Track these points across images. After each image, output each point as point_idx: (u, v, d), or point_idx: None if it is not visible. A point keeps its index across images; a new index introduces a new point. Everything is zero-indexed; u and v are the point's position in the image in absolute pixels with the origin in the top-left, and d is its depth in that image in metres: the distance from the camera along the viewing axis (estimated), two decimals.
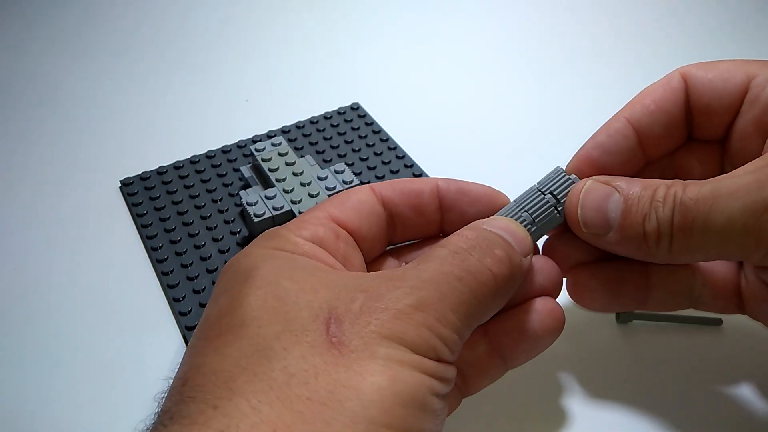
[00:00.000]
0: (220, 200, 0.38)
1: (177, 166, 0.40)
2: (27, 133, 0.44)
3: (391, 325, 0.19)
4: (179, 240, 0.36)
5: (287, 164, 0.37)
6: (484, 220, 0.25)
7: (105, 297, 0.33)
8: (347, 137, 0.43)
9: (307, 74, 0.50)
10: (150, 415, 0.20)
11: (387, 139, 0.43)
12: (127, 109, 0.46)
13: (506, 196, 0.27)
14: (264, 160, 0.37)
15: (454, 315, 0.20)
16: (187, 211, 0.37)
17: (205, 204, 0.38)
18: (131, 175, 0.40)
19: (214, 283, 0.33)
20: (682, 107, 0.27)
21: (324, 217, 0.24)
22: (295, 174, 0.36)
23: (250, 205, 0.34)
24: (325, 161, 0.41)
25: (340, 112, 0.45)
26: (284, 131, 0.43)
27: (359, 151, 0.42)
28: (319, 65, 0.51)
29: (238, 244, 0.36)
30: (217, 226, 0.37)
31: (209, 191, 0.39)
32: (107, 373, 0.30)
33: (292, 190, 0.35)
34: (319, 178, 0.36)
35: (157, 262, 0.35)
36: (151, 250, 0.35)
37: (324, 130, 0.43)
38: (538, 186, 0.26)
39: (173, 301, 0.33)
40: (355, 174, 0.40)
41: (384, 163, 0.41)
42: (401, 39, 0.54)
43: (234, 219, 0.37)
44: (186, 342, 0.31)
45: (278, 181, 0.36)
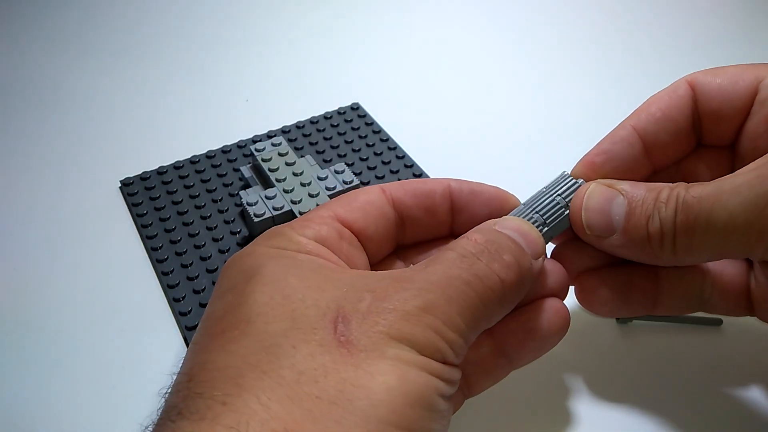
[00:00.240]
0: (220, 200, 0.38)
1: (177, 166, 0.40)
2: (27, 133, 0.44)
3: (399, 326, 0.19)
4: (179, 240, 0.36)
5: (287, 164, 0.37)
6: (495, 220, 0.24)
7: (105, 297, 0.33)
8: (347, 137, 0.43)
9: (307, 74, 0.50)
10: (153, 412, 0.20)
11: (387, 139, 0.43)
12: (127, 109, 0.46)
13: (517, 198, 0.27)
14: (264, 160, 0.37)
15: (461, 319, 0.20)
16: (187, 211, 0.37)
17: (205, 204, 0.38)
18: (131, 175, 0.40)
19: (215, 283, 0.33)
20: (688, 115, 0.27)
21: (328, 217, 0.24)
22: (295, 174, 0.36)
23: (250, 205, 0.34)
24: (325, 161, 0.41)
25: (340, 112, 0.45)
26: (284, 131, 0.43)
27: (359, 151, 0.42)
28: (319, 65, 0.51)
29: (238, 244, 0.36)
30: (217, 226, 0.37)
31: (209, 191, 0.39)
32: (107, 373, 0.30)
33: (292, 190, 0.35)
34: (319, 178, 0.36)
35: (157, 262, 0.35)
36: (151, 250, 0.35)
37: (324, 130, 0.43)
38: (546, 189, 0.26)
39: (173, 301, 0.33)
40: (355, 174, 0.40)
41: (384, 163, 0.41)
42: (401, 39, 0.54)
43: (234, 219, 0.37)
44: (186, 342, 0.31)
45: (278, 181, 0.36)
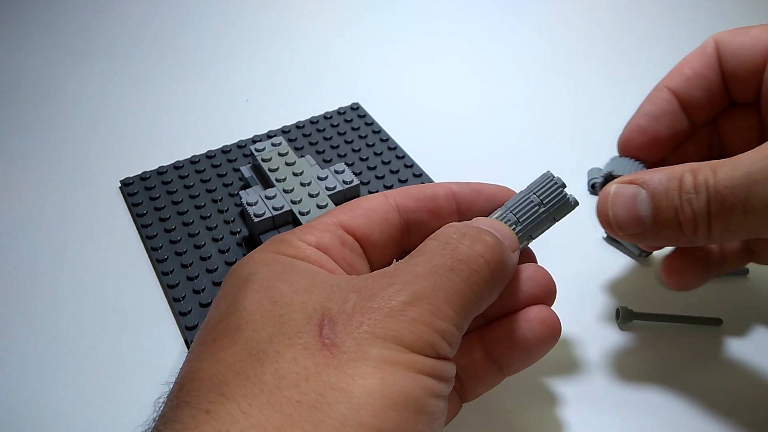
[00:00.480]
0: (220, 200, 0.38)
1: (177, 166, 0.40)
2: (27, 133, 0.44)
3: (385, 325, 0.19)
4: (179, 240, 0.36)
5: (287, 164, 0.37)
6: (469, 221, 0.25)
7: (105, 297, 0.33)
8: (347, 137, 0.43)
9: (307, 74, 0.50)
10: (148, 418, 0.20)
11: (387, 139, 0.43)
12: (127, 109, 0.46)
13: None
14: (264, 160, 0.37)
15: (449, 307, 0.20)
16: (187, 211, 0.37)
17: (205, 204, 0.38)
18: (131, 175, 0.40)
19: (215, 284, 0.33)
20: (718, 71, 0.28)
21: (332, 224, 0.24)
22: (295, 174, 0.36)
23: (250, 205, 0.34)
24: (325, 161, 0.41)
25: (340, 112, 0.45)
26: (284, 131, 0.43)
27: (359, 151, 0.42)
28: (319, 65, 0.51)
29: (238, 244, 0.36)
30: (217, 226, 0.37)
31: (209, 191, 0.39)
32: (107, 374, 0.30)
33: (292, 190, 0.35)
34: (319, 178, 0.36)
35: (157, 262, 0.35)
36: (151, 250, 0.35)
37: (324, 130, 0.43)
38: (526, 189, 0.26)
39: (173, 301, 0.33)
40: (355, 174, 0.40)
41: (384, 163, 0.41)
42: (401, 39, 0.54)
43: (234, 219, 0.37)
44: (186, 342, 0.31)
45: (278, 181, 0.36)
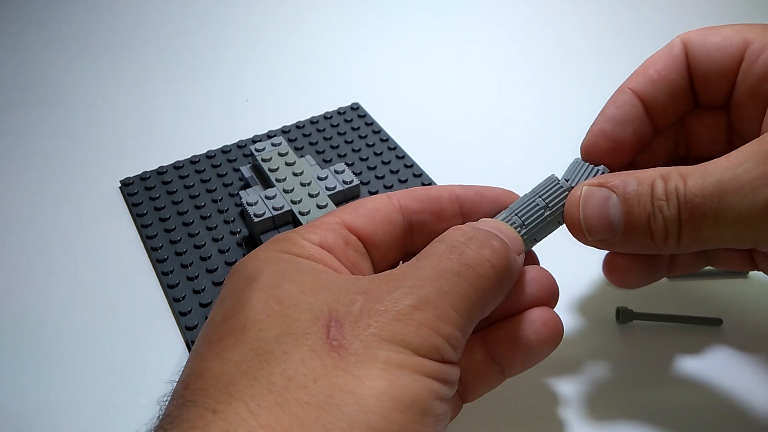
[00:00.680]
0: (220, 200, 0.38)
1: (177, 166, 0.40)
2: (27, 133, 0.44)
3: (392, 327, 0.19)
4: (179, 240, 0.36)
5: (287, 164, 0.37)
6: (474, 222, 0.25)
7: (105, 297, 0.33)
8: (347, 137, 0.43)
9: (307, 74, 0.50)
10: (152, 417, 0.20)
11: (387, 139, 0.43)
12: (127, 109, 0.46)
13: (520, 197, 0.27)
14: (264, 160, 0.37)
15: (455, 311, 0.20)
16: (187, 211, 0.37)
17: (205, 204, 0.38)
18: (131, 175, 0.40)
19: (215, 284, 0.33)
20: (685, 74, 0.27)
21: (335, 223, 0.24)
22: (295, 174, 0.36)
23: (250, 205, 0.34)
24: (325, 161, 0.41)
25: (340, 112, 0.45)
26: (284, 131, 0.43)
27: (359, 151, 0.42)
28: (319, 65, 0.51)
29: (238, 244, 0.36)
30: (217, 226, 0.37)
31: (209, 191, 0.39)
32: (107, 374, 0.30)
33: (292, 190, 0.35)
34: (319, 178, 0.36)
35: (157, 262, 0.35)
36: (151, 250, 0.35)
37: (324, 130, 0.43)
38: (531, 192, 0.26)
39: (173, 301, 0.33)
40: (355, 174, 0.40)
41: (384, 163, 0.41)
42: (401, 39, 0.54)
43: (234, 219, 0.37)
44: (186, 343, 0.31)
45: (278, 181, 0.36)
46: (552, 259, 0.28)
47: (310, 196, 0.35)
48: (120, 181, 0.40)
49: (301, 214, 0.34)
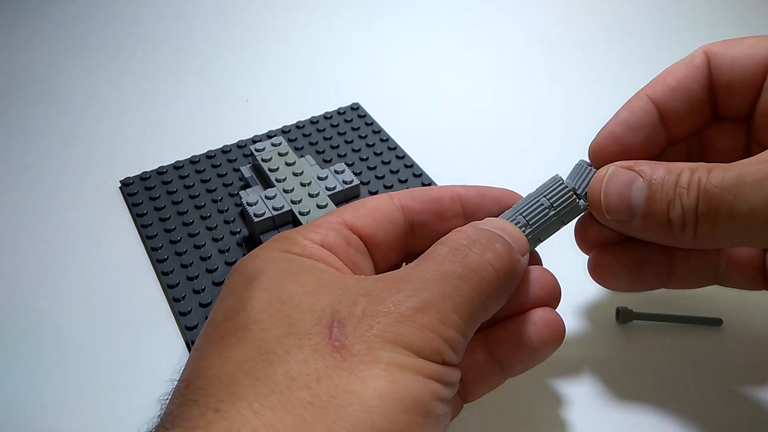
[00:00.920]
0: (220, 200, 0.38)
1: (177, 166, 0.40)
2: (27, 133, 0.44)
3: (394, 329, 0.19)
4: (179, 240, 0.36)
5: (287, 164, 0.37)
6: (478, 221, 0.24)
7: (105, 297, 0.33)
8: (347, 137, 0.43)
9: (307, 74, 0.50)
10: (152, 417, 0.20)
11: (387, 139, 0.43)
12: (127, 109, 0.46)
13: (522, 197, 0.27)
14: (264, 160, 0.37)
15: (457, 315, 0.20)
16: (187, 211, 0.37)
17: (205, 204, 0.38)
18: (131, 175, 0.40)
19: (215, 284, 0.33)
20: (704, 86, 0.26)
21: (337, 222, 0.24)
22: (295, 174, 0.36)
23: (250, 205, 0.34)
24: (325, 161, 0.41)
25: (340, 112, 0.45)
26: (284, 131, 0.43)
27: (359, 151, 0.42)
28: (319, 65, 0.51)
29: (238, 244, 0.36)
30: (217, 226, 0.37)
31: (209, 191, 0.39)
32: (107, 374, 0.30)
33: (292, 190, 0.35)
34: (319, 178, 0.36)
35: (157, 262, 0.35)
36: (151, 250, 0.35)
37: (324, 130, 0.43)
38: (535, 192, 0.26)
39: (173, 301, 0.33)
40: (355, 174, 0.40)
41: (384, 163, 0.41)
42: (401, 39, 0.54)
43: (234, 219, 0.37)
44: (186, 343, 0.31)
45: (278, 181, 0.36)
46: (553, 259, 0.28)
47: (310, 196, 0.35)
48: (120, 181, 0.40)
49: (301, 214, 0.34)
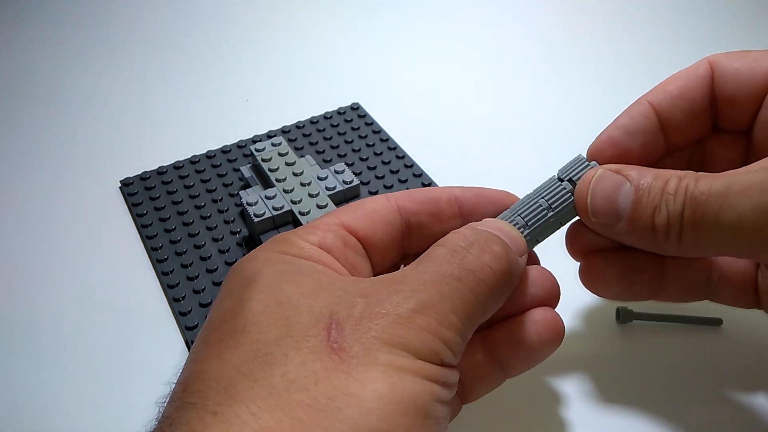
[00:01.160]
0: (220, 200, 0.38)
1: (177, 166, 0.40)
2: (26, 133, 0.44)
3: (392, 331, 0.19)
4: (179, 240, 0.36)
5: (287, 164, 0.37)
6: (476, 222, 0.24)
7: (105, 297, 0.33)
8: (347, 137, 0.43)
9: (307, 74, 0.50)
10: (150, 419, 0.20)
11: (387, 139, 0.43)
12: (127, 109, 0.46)
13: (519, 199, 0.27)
14: (264, 160, 0.37)
15: (456, 316, 0.20)
16: (187, 211, 0.37)
17: (205, 204, 0.38)
18: (131, 175, 0.40)
19: (215, 284, 0.33)
20: (707, 96, 0.26)
21: (334, 224, 0.24)
22: (295, 174, 0.36)
23: (250, 205, 0.34)
24: (325, 161, 0.41)
25: (340, 112, 0.45)
26: (284, 131, 0.43)
27: (359, 151, 0.42)
28: (319, 65, 0.51)
29: (238, 244, 0.36)
30: (217, 226, 0.37)
31: (209, 191, 0.39)
32: (107, 374, 0.30)
33: (292, 190, 0.35)
34: (319, 178, 0.36)
35: (157, 262, 0.35)
36: (151, 250, 0.35)
37: (324, 130, 0.43)
38: (533, 192, 0.26)
39: (173, 301, 0.33)
40: (355, 174, 0.40)
41: (384, 163, 0.41)
42: (401, 39, 0.54)
43: (234, 219, 0.37)
44: (186, 343, 0.31)
45: (278, 181, 0.36)
46: (552, 259, 0.28)
47: (310, 196, 0.35)
48: (120, 181, 0.40)
49: (301, 214, 0.34)
